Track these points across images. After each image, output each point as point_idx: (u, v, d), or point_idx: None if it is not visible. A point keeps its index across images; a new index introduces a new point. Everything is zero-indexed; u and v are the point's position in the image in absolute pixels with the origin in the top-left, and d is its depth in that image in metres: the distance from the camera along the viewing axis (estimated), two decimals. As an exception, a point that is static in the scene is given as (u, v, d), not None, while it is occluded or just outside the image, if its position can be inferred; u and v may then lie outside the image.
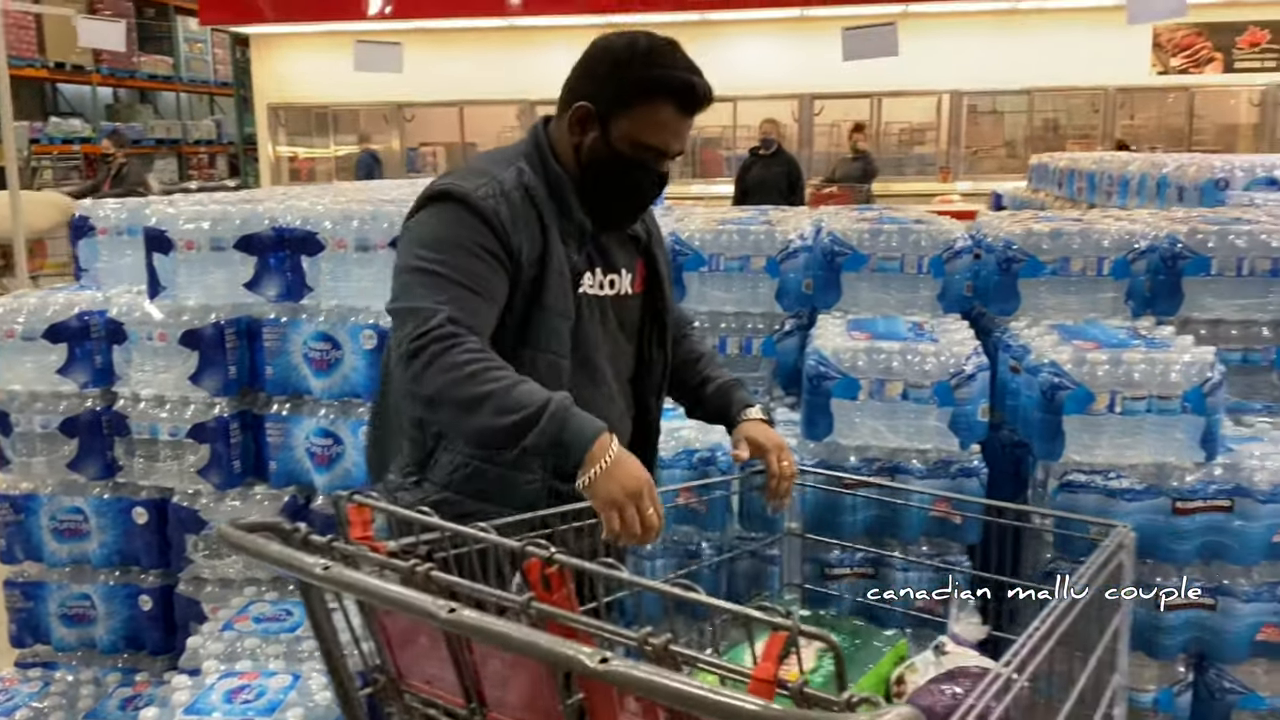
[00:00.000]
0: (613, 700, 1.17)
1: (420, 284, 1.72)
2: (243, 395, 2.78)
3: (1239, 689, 2.34)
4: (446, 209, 1.77)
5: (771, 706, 0.88)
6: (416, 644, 1.33)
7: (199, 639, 2.46)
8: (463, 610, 1.07)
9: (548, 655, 1.01)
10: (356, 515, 1.31)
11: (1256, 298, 2.70)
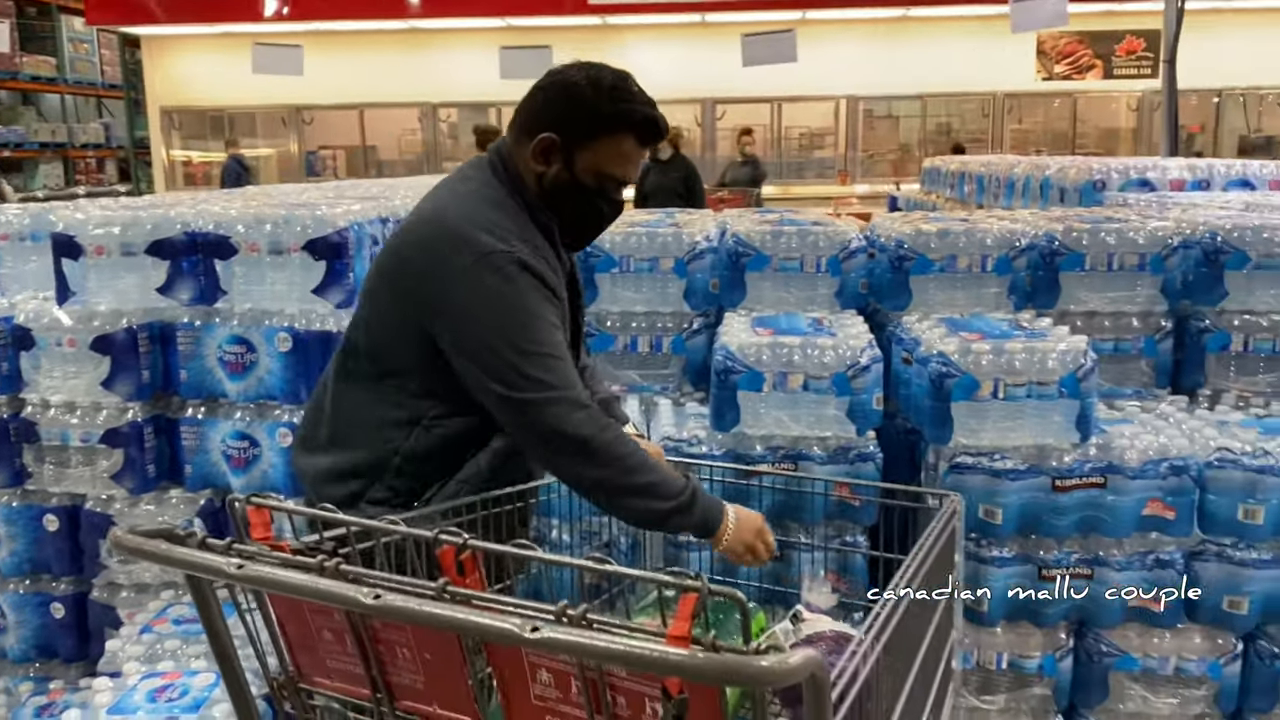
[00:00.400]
0: (525, 676, 1.24)
1: (536, 366, 1.79)
2: (156, 399, 2.78)
3: (1115, 652, 2.53)
4: (525, 279, 1.82)
5: (696, 655, 0.98)
6: (319, 640, 1.37)
7: (118, 642, 2.46)
8: (388, 595, 1.13)
9: (481, 630, 1.09)
10: (256, 516, 1.33)
11: (1126, 290, 2.91)
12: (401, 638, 1.30)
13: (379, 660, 1.34)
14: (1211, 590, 2.48)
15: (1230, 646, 2.52)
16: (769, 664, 0.96)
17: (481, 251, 1.80)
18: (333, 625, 1.35)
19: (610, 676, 1.17)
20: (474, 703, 1.29)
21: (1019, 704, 2.58)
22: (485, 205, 1.89)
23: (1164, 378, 2.95)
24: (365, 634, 1.31)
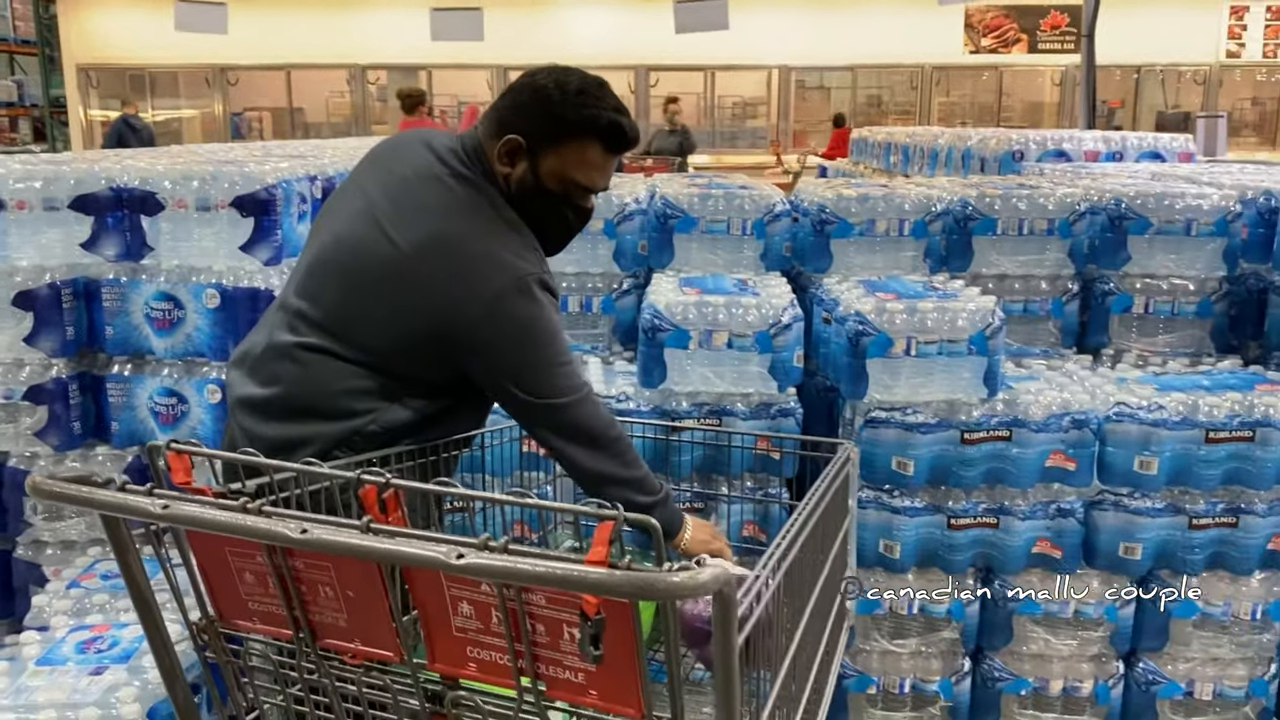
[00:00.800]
0: (446, 610, 1.29)
1: (568, 376, 1.93)
2: (82, 356, 2.77)
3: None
4: (546, 299, 1.91)
5: (612, 573, 1.05)
6: (240, 582, 1.40)
7: (45, 597, 2.47)
8: (315, 529, 1.18)
9: (409, 559, 1.14)
10: (177, 462, 1.35)
11: (1035, 254, 3.04)
12: (324, 576, 1.35)
13: (301, 600, 1.38)
14: (1108, 537, 2.63)
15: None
16: (680, 579, 1.03)
17: (513, 277, 1.85)
18: (254, 567, 1.39)
19: (530, 606, 1.23)
20: (396, 637, 1.35)
21: (929, 647, 2.71)
22: (498, 219, 1.91)
23: (1070, 338, 3.10)
24: (287, 574, 1.35)
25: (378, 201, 1.92)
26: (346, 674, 1.44)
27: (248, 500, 1.29)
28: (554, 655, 1.26)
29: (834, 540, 2.09)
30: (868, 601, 2.67)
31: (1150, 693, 2.71)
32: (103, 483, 1.36)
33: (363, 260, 1.90)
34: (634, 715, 1.23)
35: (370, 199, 1.94)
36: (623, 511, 1.13)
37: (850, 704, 2.74)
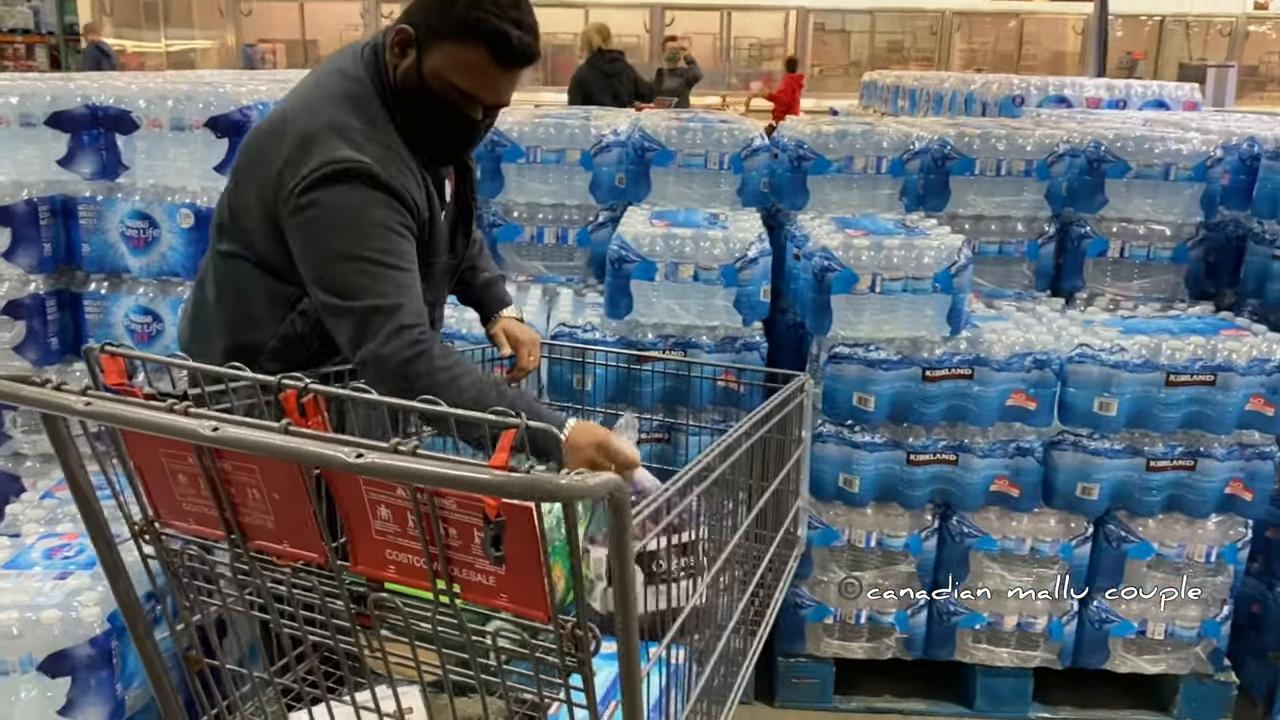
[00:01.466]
0: (366, 513, 1.33)
1: (368, 277, 1.73)
2: (60, 273, 2.80)
3: (975, 533, 2.70)
4: (359, 191, 1.75)
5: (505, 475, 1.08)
6: (174, 483, 1.44)
7: (19, 506, 2.53)
8: (226, 428, 1.21)
9: (307, 457, 1.17)
10: (111, 364, 1.36)
11: (1012, 195, 3.03)
12: (250, 479, 1.38)
13: (231, 502, 1.42)
14: (1066, 477, 2.65)
15: (1082, 529, 2.70)
16: (568, 482, 1.06)
17: (336, 171, 1.74)
18: (186, 469, 1.42)
19: (442, 510, 1.27)
20: (320, 540, 1.39)
21: (886, 580, 2.75)
22: (347, 106, 1.81)
23: (1045, 281, 3.10)
24: (216, 476, 1.39)
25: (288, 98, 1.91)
26: (278, 575, 1.49)
27: (174, 402, 1.33)
28: (466, 559, 1.30)
29: (782, 467, 2.12)
30: (827, 532, 2.71)
31: (1103, 630, 2.75)
32: (40, 381, 1.40)
33: (242, 148, 1.92)
34: (541, 618, 1.27)
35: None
36: (525, 420, 1.16)
37: (807, 633, 2.79)
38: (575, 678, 1.31)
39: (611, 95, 7.01)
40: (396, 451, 1.17)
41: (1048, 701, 2.85)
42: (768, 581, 2.10)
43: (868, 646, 2.80)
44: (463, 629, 1.33)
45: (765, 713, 2.82)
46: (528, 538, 1.22)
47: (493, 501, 1.18)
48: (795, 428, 2.20)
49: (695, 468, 1.48)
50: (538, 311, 2.80)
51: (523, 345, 2.24)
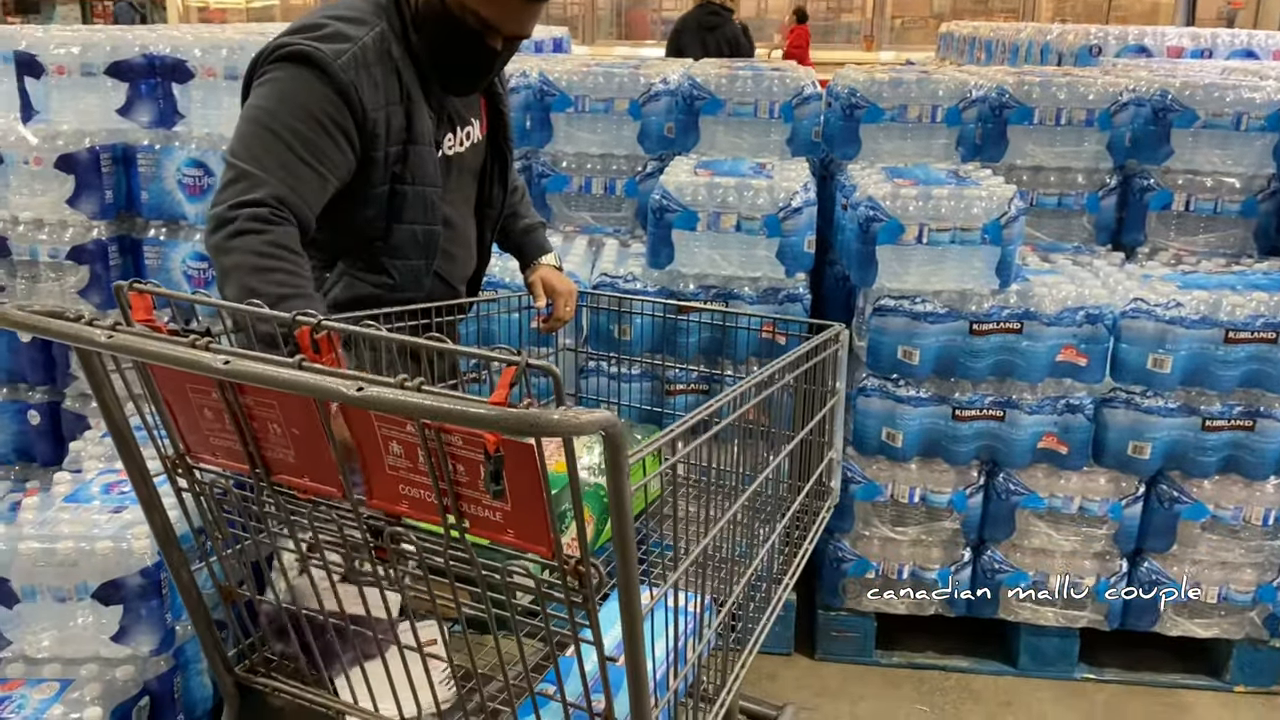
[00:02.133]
0: (379, 448, 1.36)
1: (261, 145, 1.70)
2: (121, 219, 2.89)
3: (1022, 490, 2.66)
4: (302, 73, 1.72)
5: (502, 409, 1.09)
6: (201, 418, 1.49)
7: (81, 444, 2.63)
8: (238, 361, 1.24)
9: (310, 388, 1.19)
10: (138, 300, 1.40)
11: (1073, 146, 2.94)
12: (271, 414, 1.42)
13: (254, 436, 1.46)
14: (1118, 435, 2.59)
15: (1133, 489, 2.64)
16: (560, 417, 1.07)
17: (288, 52, 1.74)
18: (211, 404, 1.47)
19: (449, 447, 1.29)
20: (338, 475, 1.42)
21: (930, 536, 2.72)
22: (335, 14, 1.81)
23: (1105, 235, 3.01)
24: (239, 411, 1.43)
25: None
26: (299, 508, 1.54)
27: (195, 338, 1.37)
28: (474, 494, 1.32)
29: (812, 417, 2.11)
30: (870, 487, 2.69)
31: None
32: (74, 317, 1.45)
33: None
34: (545, 554, 1.29)
35: None
36: (526, 359, 1.17)
37: (849, 587, 2.78)
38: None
39: (702, 49, 6.44)
40: (401, 387, 1.19)
41: (1094, 663, 2.81)
42: (797, 533, 2.10)
43: (910, 602, 2.78)
44: (473, 563, 1.36)
45: (805, 665, 2.83)
46: (529, 474, 1.23)
47: (492, 437, 1.20)
48: (830, 378, 2.18)
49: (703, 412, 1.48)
50: (582, 261, 2.81)
51: (559, 296, 2.26)
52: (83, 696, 1.96)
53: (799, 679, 2.75)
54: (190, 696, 2.21)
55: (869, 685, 2.73)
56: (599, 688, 1.37)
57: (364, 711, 1.66)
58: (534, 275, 2.28)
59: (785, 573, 2.00)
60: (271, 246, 1.66)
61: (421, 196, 1.92)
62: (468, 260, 2.18)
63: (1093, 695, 2.72)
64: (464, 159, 2.05)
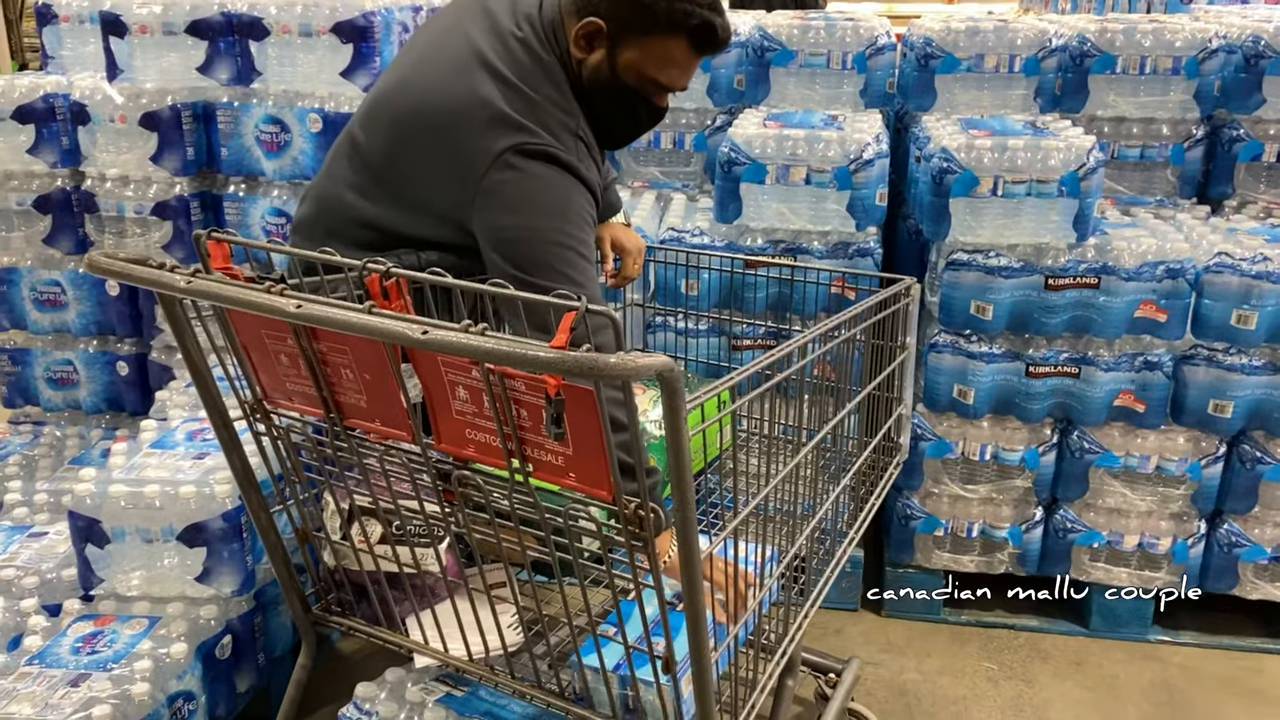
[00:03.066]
0: (446, 393, 1.39)
1: (566, 263, 1.71)
2: (202, 176, 2.96)
3: (1096, 448, 2.61)
4: (562, 177, 1.74)
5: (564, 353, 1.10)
6: (277, 364, 1.54)
7: (166, 393, 2.73)
8: (309, 305, 1.27)
9: (376, 331, 1.22)
10: (216, 249, 1.47)
11: (1158, 95, 2.84)
12: (344, 359, 1.47)
13: (328, 381, 1.51)
14: (1198, 393, 2.52)
15: (1213, 449, 2.57)
16: (617, 360, 1.09)
17: (535, 151, 1.72)
18: (287, 350, 1.51)
19: (512, 392, 1.32)
20: (408, 419, 1.46)
21: (1000, 494, 2.69)
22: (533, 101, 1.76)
23: (1190, 188, 2.91)
24: (312, 356, 1.48)
25: (453, 54, 1.84)
26: (371, 451, 1.58)
27: (270, 284, 1.41)
28: (537, 439, 1.35)
29: (881, 372, 2.09)
30: (940, 444, 2.67)
31: (1233, 555, 2.63)
32: (157, 265, 1.50)
33: (417, 110, 1.83)
34: (605, 498, 1.31)
35: (450, 50, 1.86)
36: (585, 304, 1.18)
37: (917, 545, 2.76)
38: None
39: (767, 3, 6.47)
40: (466, 332, 1.21)
41: (1169, 626, 2.76)
42: (864, 489, 2.09)
43: (979, 560, 2.76)
44: (536, 506, 1.39)
45: (872, 621, 2.82)
46: (590, 419, 1.26)
47: (553, 381, 1.22)
48: (900, 333, 2.16)
49: (765, 361, 1.48)
50: (649, 216, 2.81)
51: (627, 253, 2.28)
52: (169, 633, 2.05)
53: (865, 634, 2.75)
54: (271, 636, 2.30)
55: (936, 642, 2.72)
56: (659, 631, 1.40)
57: (434, 652, 1.71)
58: (602, 232, 2.29)
59: (851, 528, 2.00)
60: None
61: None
62: None
63: (1167, 658, 2.67)
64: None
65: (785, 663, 1.72)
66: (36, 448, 2.96)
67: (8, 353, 3.15)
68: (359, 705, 1.74)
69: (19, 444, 2.96)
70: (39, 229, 3.01)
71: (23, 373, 3.16)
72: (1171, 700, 2.51)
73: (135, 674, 1.90)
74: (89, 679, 1.89)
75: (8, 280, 3.07)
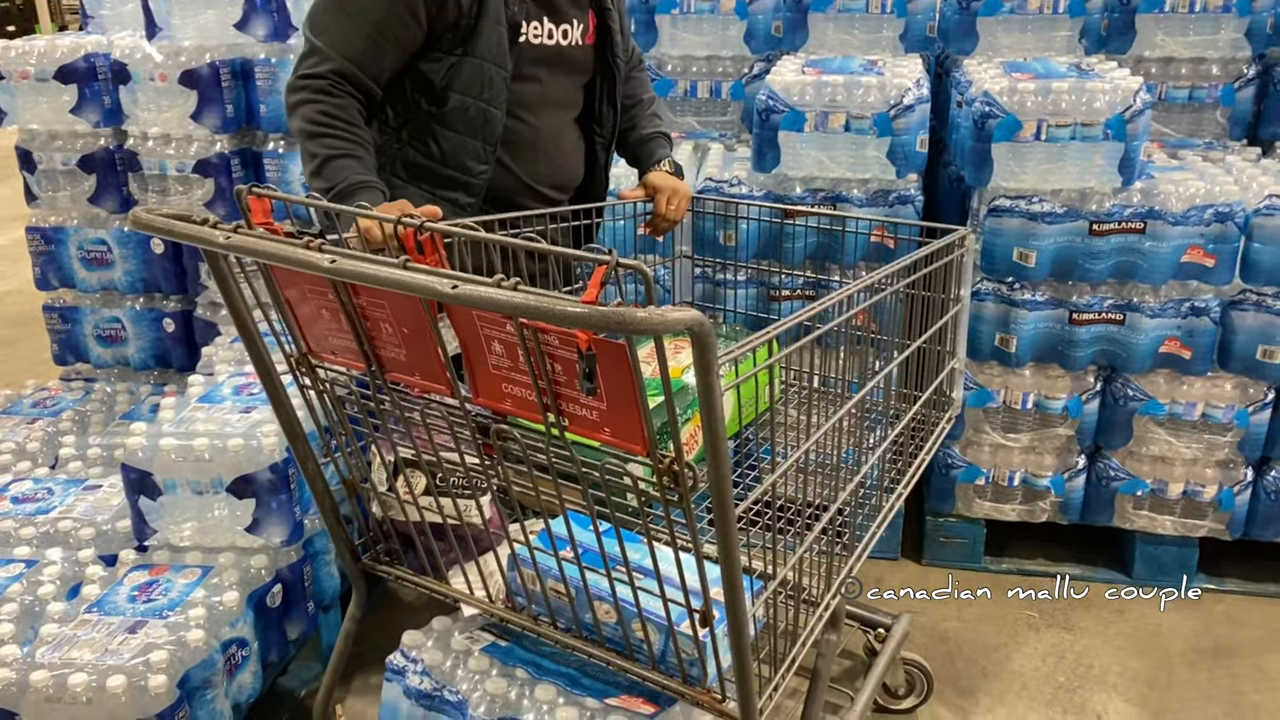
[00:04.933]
0: (483, 348, 1.39)
1: (330, 20, 1.92)
2: (241, 133, 2.98)
3: (1141, 396, 2.58)
4: None
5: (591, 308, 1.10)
6: (319, 318, 1.55)
7: (212, 349, 2.77)
8: (343, 260, 1.28)
9: (408, 285, 1.22)
10: (257, 204, 1.48)
11: (1208, 34, 2.76)
12: (383, 314, 1.48)
13: (369, 336, 1.52)
14: (1246, 339, 2.48)
15: (1261, 395, 2.53)
16: (646, 315, 1.07)
17: None
18: (329, 304, 1.53)
19: (546, 346, 1.31)
20: (445, 372, 1.47)
21: (1042, 443, 2.67)
22: None
23: (1240, 129, 2.85)
24: (352, 310, 1.49)
25: None
26: (413, 405, 1.60)
27: (309, 239, 1.42)
28: (572, 393, 1.35)
29: (931, 325, 2.05)
30: (981, 393, 2.65)
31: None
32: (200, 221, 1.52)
33: None
34: (639, 452, 1.31)
35: None
36: (616, 257, 1.17)
37: (958, 493, 2.76)
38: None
39: None
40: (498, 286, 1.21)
41: (1214, 573, 2.74)
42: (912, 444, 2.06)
43: (1021, 509, 2.75)
44: (573, 460, 1.39)
45: (913, 569, 2.83)
46: (623, 373, 1.24)
47: (584, 335, 1.22)
48: (954, 285, 2.10)
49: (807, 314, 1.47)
50: (687, 166, 2.79)
51: (660, 192, 2.24)
52: (222, 582, 2.10)
53: (906, 582, 2.76)
54: (319, 586, 2.35)
55: (976, 590, 2.73)
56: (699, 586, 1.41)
57: (479, 601, 1.74)
58: (645, 179, 2.29)
59: (899, 482, 1.98)
60: (323, 115, 1.91)
61: (479, 70, 1.97)
62: (563, 167, 2.19)
63: (1210, 605, 2.66)
64: (556, 55, 2.07)
65: (829, 616, 1.72)
66: (88, 403, 3.02)
67: (58, 311, 3.22)
68: (406, 653, 1.78)
69: (71, 400, 3.03)
70: (84, 188, 3.05)
71: (73, 330, 3.22)
72: (1215, 648, 2.50)
73: (190, 621, 1.96)
74: (145, 626, 1.95)
75: (55, 239, 3.12)
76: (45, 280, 3.17)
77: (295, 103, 1.94)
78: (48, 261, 3.14)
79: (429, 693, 1.69)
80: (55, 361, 3.29)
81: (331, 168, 1.91)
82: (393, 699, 1.75)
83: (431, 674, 1.72)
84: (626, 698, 1.62)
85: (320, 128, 1.92)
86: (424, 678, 1.71)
